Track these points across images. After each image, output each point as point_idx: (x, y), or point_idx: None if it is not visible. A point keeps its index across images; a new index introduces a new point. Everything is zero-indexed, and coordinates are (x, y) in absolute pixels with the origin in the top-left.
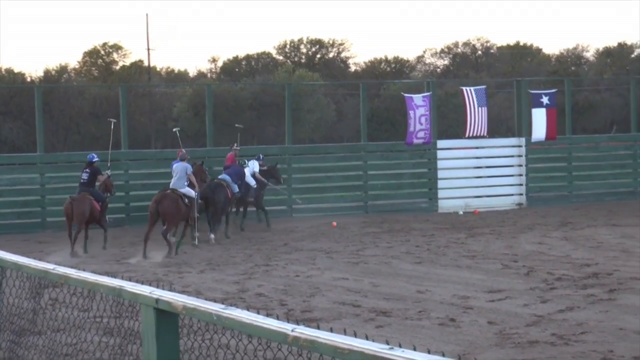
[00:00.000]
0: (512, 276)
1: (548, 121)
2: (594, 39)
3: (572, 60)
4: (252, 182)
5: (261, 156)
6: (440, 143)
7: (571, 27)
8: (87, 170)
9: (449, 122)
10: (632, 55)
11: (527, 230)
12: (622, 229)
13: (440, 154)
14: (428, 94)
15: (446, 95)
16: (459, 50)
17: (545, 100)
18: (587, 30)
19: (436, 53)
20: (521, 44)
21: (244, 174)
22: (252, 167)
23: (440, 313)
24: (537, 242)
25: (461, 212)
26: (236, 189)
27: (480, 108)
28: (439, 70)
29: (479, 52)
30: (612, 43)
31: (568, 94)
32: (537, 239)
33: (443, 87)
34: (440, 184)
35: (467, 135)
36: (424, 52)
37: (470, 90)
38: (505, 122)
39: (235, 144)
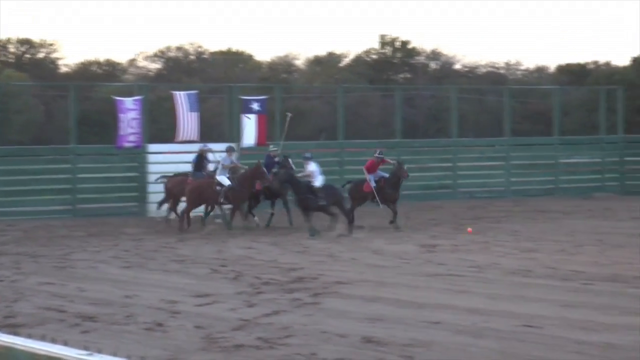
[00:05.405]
0: (221, 280)
1: (258, 127)
2: (304, 48)
3: (283, 67)
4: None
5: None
6: (151, 147)
7: (283, 35)
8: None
9: (161, 126)
10: (340, 65)
11: (237, 235)
12: (328, 233)
13: (150, 157)
14: (139, 97)
15: (158, 99)
16: (172, 54)
17: (255, 106)
18: (298, 38)
19: (149, 57)
20: (234, 50)
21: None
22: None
23: (148, 318)
24: (247, 247)
25: (172, 217)
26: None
27: (191, 113)
28: (151, 74)
29: (192, 57)
30: (322, 52)
31: (279, 100)
32: (246, 243)
33: (155, 91)
34: (151, 187)
35: (178, 139)
36: (137, 55)
37: (181, 94)
38: (217, 128)
39: (378, 151)
